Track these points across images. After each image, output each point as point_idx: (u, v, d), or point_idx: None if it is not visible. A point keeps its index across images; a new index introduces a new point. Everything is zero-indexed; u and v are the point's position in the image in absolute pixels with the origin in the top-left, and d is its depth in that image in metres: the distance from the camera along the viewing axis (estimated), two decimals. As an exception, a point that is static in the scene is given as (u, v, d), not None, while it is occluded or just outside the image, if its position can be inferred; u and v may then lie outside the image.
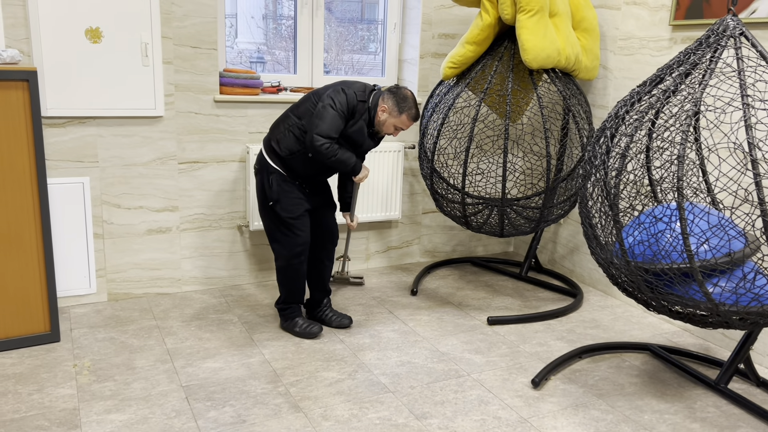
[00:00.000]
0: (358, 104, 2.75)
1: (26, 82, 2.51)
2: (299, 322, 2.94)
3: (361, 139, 2.80)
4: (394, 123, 2.80)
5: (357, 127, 2.76)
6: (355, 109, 2.74)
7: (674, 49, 3.10)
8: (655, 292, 2.33)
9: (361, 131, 2.78)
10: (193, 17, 3.11)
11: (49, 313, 2.74)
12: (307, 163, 2.80)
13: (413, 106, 2.79)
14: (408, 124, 2.81)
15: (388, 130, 2.82)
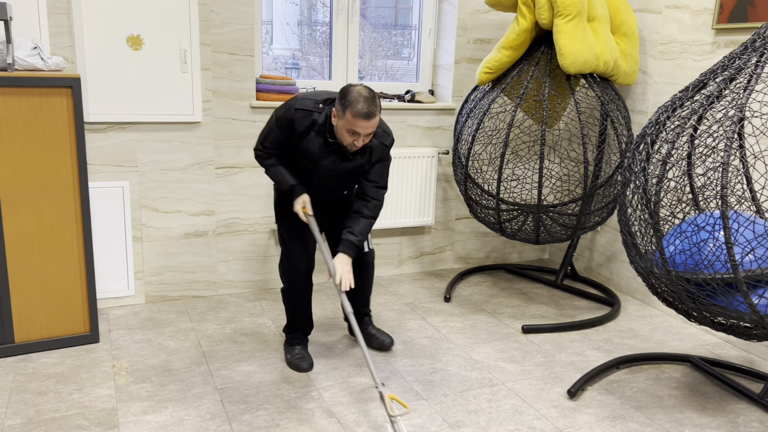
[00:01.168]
0: (295, 114, 2.40)
1: (70, 89, 2.57)
2: (294, 350, 2.72)
3: (317, 154, 2.45)
4: (343, 126, 2.33)
5: (308, 141, 2.44)
6: (293, 120, 2.41)
7: (717, 53, 3.02)
8: (697, 302, 2.27)
9: (314, 146, 2.44)
10: (231, 24, 3.15)
11: (89, 315, 2.80)
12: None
13: (359, 101, 2.26)
14: (357, 123, 2.28)
15: (344, 139, 2.37)
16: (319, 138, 2.44)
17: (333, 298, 3.46)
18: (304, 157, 2.49)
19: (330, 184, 2.56)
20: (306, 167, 2.52)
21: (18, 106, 2.51)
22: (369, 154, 2.50)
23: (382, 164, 2.55)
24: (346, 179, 2.56)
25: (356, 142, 2.35)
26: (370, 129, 2.32)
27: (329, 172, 2.51)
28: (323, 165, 2.48)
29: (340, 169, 2.50)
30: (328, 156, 2.47)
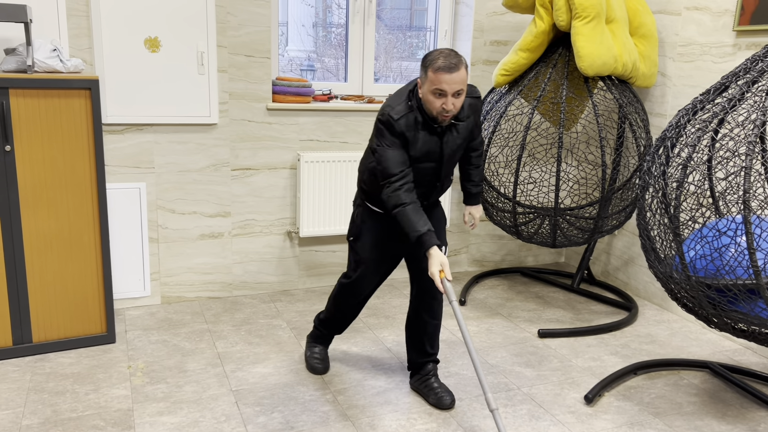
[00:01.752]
0: (398, 123, 2.18)
1: (88, 91, 2.59)
2: (315, 349, 2.68)
3: (434, 147, 2.25)
4: (428, 90, 2.12)
5: (418, 141, 2.22)
6: (401, 131, 2.19)
7: (738, 55, 2.98)
8: (718, 308, 2.23)
9: (425, 141, 2.23)
10: (248, 26, 3.16)
11: (105, 315, 2.81)
12: None
13: (439, 58, 2.09)
14: (440, 79, 2.07)
15: (433, 107, 2.14)
16: (426, 132, 2.23)
17: (348, 301, 3.45)
18: (426, 161, 2.28)
19: (447, 171, 2.37)
20: (430, 171, 2.31)
21: (37, 108, 2.53)
22: (471, 113, 2.31)
23: (479, 128, 2.48)
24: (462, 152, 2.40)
25: (445, 106, 2.11)
26: (457, 85, 2.09)
27: (451, 156, 2.31)
28: (447, 154, 2.29)
29: (461, 144, 2.32)
30: (446, 142, 2.27)
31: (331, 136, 3.46)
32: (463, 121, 2.30)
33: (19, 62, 2.57)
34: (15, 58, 2.57)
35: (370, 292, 2.53)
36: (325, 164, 3.37)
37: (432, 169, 2.31)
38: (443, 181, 2.39)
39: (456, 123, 2.29)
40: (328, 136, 3.46)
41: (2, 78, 2.44)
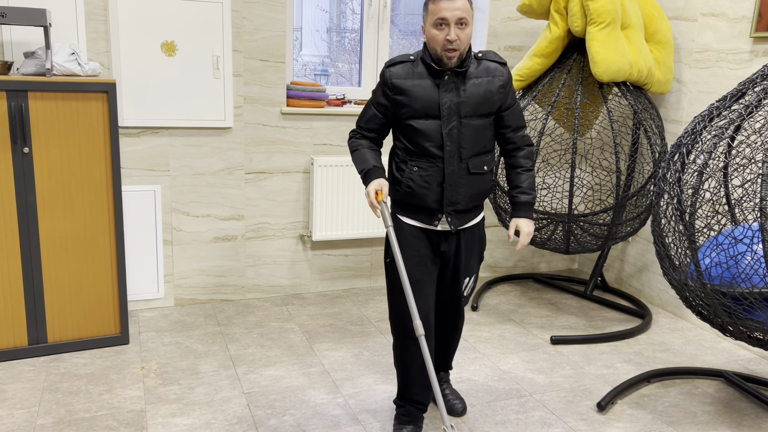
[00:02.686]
0: (387, 71, 2.05)
1: (105, 94, 2.62)
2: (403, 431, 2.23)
3: (434, 96, 2.02)
4: (432, 25, 1.96)
5: (416, 89, 2.02)
6: (387, 80, 2.05)
7: (755, 62, 2.96)
8: (734, 317, 2.21)
9: (424, 90, 2.02)
10: (263, 31, 3.18)
11: (119, 316, 2.84)
12: (418, 179, 2.09)
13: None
14: (440, 6, 1.94)
15: (436, 43, 1.97)
16: (425, 80, 2.03)
17: (360, 303, 3.46)
18: (423, 115, 2.03)
19: (466, 143, 2.05)
20: (436, 133, 2.03)
21: (55, 110, 2.56)
22: (488, 75, 2.07)
23: (512, 96, 2.14)
24: (481, 122, 2.06)
25: (449, 36, 1.93)
26: (459, 12, 1.93)
27: (457, 115, 2.02)
28: (446, 108, 2.01)
29: (468, 102, 2.03)
30: (446, 93, 2.02)
31: (345, 141, 3.47)
32: (477, 78, 2.04)
33: (38, 65, 2.60)
34: (34, 61, 2.61)
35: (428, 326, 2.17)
36: (339, 168, 3.38)
37: (436, 129, 2.03)
38: (460, 158, 2.05)
39: (461, 71, 2.02)
40: (341, 141, 3.47)
41: (21, 81, 2.47)
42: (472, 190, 2.11)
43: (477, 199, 2.15)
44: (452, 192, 2.08)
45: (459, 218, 2.14)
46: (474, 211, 2.19)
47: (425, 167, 2.08)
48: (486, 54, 2.11)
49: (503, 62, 2.12)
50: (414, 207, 2.14)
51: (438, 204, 2.10)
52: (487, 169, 2.13)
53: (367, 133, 2.17)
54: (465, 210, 2.14)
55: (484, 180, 2.14)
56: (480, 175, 2.12)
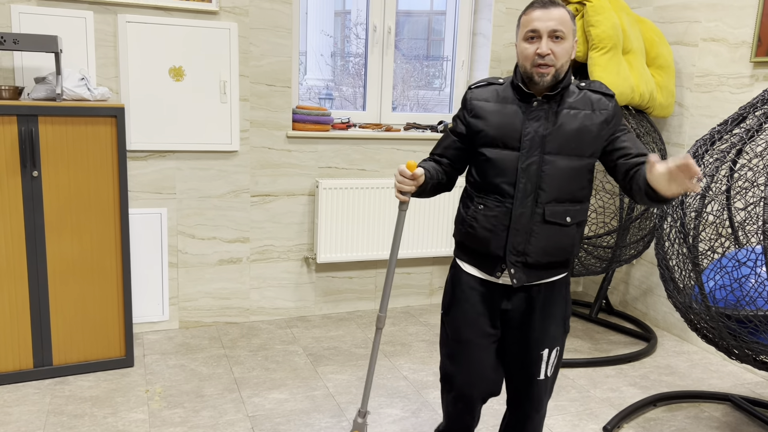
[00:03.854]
0: (470, 93, 1.83)
1: (114, 118, 2.66)
2: None
3: (515, 123, 1.73)
4: (522, 39, 1.71)
5: (497, 114, 1.76)
6: (468, 103, 1.82)
7: (756, 86, 2.99)
8: (739, 339, 2.21)
9: (508, 116, 1.75)
10: (270, 57, 3.23)
11: (124, 339, 2.84)
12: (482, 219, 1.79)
13: (533, 2, 1.72)
14: (532, 17, 1.69)
15: (526, 57, 1.70)
16: (510, 104, 1.76)
17: (365, 326, 3.46)
18: (499, 144, 1.75)
19: (546, 184, 1.72)
20: (511, 169, 1.73)
21: (65, 135, 2.60)
22: (588, 107, 1.74)
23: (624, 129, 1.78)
24: (570, 163, 1.72)
25: (540, 50, 1.66)
26: (553, 23, 1.66)
27: (540, 149, 1.71)
28: (528, 139, 1.71)
29: (557, 135, 1.71)
30: (532, 121, 1.72)
31: (350, 164, 3.51)
32: (573, 109, 1.73)
33: (48, 90, 2.65)
34: (44, 86, 2.66)
35: (474, 395, 1.87)
36: (343, 191, 3.40)
37: (512, 163, 1.72)
38: (536, 201, 1.73)
39: (554, 96, 1.72)
40: (346, 164, 3.50)
41: (32, 106, 2.52)
42: (546, 242, 1.75)
43: (553, 254, 1.77)
44: (519, 239, 1.74)
45: (527, 273, 1.77)
46: (550, 269, 1.80)
47: (492, 206, 1.77)
48: (591, 84, 1.79)
49: (611, 94, 1.79)
50: (474, 252, 1.83)
51: (502, 251, 1.77)
52: (570, 221, 1.76)
53: (438, 158, 1.90)
54: (536, 265, 1.77)
55: (566, 234, 1.76)
56: (560, 226, 1.75)
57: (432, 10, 4.23)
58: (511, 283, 1.80)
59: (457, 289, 1.87)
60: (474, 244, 1.81)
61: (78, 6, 2.87)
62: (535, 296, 1.82)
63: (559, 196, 1.74)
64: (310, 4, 3.90)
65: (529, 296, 1.82)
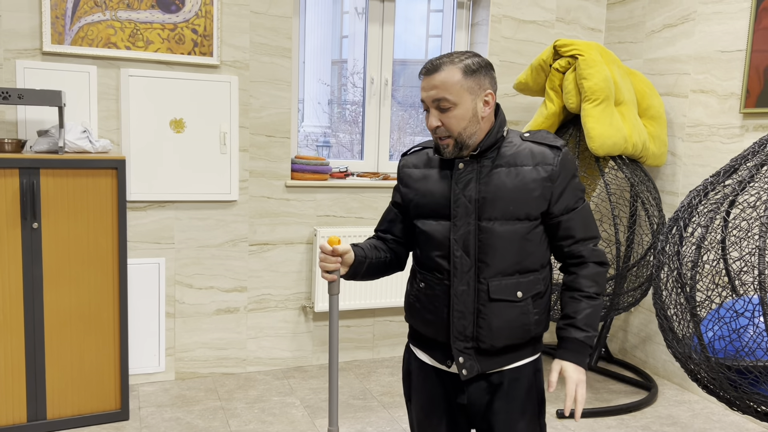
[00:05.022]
0: (404, 161, 1.67)
1: (115, 170, 2.69)
2: None
3: (444, 190, 1.54)
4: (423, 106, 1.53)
5: (426, 181, 1.58)
6: (402, 172, 1.65)
7: (747, 136, 3.05)
8: (740, 391, 2.20)
9: (435, 182, 1.57)
10: (269, 108, 3.29)
11: (120, 392, 2.81)
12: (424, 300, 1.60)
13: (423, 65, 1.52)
14: (421, 89, 1.50)
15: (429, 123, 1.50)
16: (438, 169, 1.57)
17: (362, 376, 3.42)
18: (431, 214, 1.56)
19: (487, 255, 1.49)
20: (439, 236, 1.54)
21: (66, 187, 2.62)
22: (528, 162, 1.50)
23: (571, 193, 1.52)
24: (512, 228, 1.49)
25: (428, 125, 1.49)
26: (434, 91, 1.45)
27: (475, 215, 1.50)
28: (457, 205, 1.50)
29: (491, 198, 1.49)
30: (459, 185, 1.51)
31: (347, 212, 3.53)
32: (509, 166, 1.50)
33: (50, 143, 2.68)
34: (47, 139, 2.69)
35: None
36: (341, 239, 3.42)
37: (445, 233, 1.52)
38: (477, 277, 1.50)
39: (486, 157, 1.51)
40: (344, 212, 3.52)
41: (34, 159, 2.54)
42: (498, 322, 1.50)
43: (509, 335, 1.52)
44: (465, 321, 1.51)
45: (482, 361, 1.53)
46: (511, 352, 1.55)
47: (432, 285, 1.56)
48: (535, 134, 1.55)
49: (557, 146, 1.52)
50: (423, 337, 1.62)
51: (445, 336, 1.54)
52: (523, 296, 1.51)
53: (382, 234, 1.71)
54: (491, 350, 1.53)
55: (521, 311, 1.51)
56: (510, 303, 1.51)
57: (427, 59, 4.32)
58: (460, 375, 1.53)
59: (411, 377, 1.66)
60: (419, 327, 1.61)
61: (82, 61, 2.93)
62: (497, 386, 1.55)
63: (504, 269, 1.50)
64: (307, 53, 3.99)
65: (490, 386, 1.55)
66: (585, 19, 3.90)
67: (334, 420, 1.62)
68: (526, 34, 3.77)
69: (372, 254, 1.63)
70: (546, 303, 1.57)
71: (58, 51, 2.87)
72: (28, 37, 2.84)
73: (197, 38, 3.09)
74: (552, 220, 1.53)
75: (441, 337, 1.55)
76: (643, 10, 3.66)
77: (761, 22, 2.95)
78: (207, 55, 3.11)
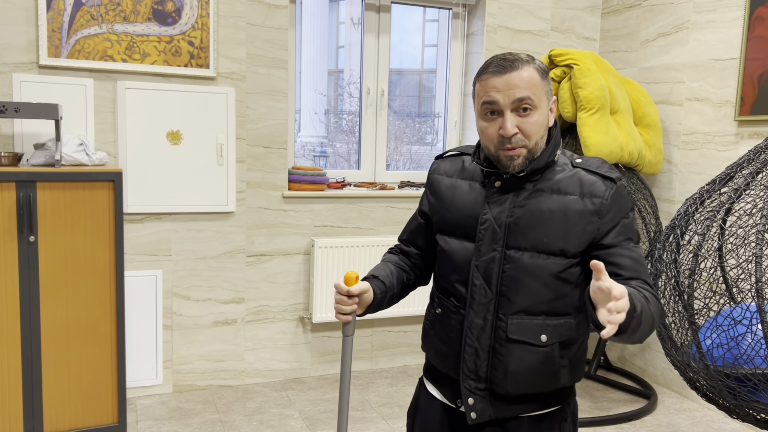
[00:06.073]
0: (436, 166, 1.49)
1: (112, 183, 2.68)
2: None
3: (471, 201, 1.37)
4: (480, 115, 1.32)
5: (456, 192, 1.41)
6: (433, 178, 1.48)
7: (742, 143, 3.06)
8: (739, 399, 2.19)
9: (466, 194, 1.39)
10: (266, 120, 3.29)
11: (118, 405, 2.79)
12: (438, 328, 1.44)
13: (489, 63, 1.30)
14: (486, 87, 1.28)
15: (488, 138, 1.31)
16: (472, 181, 1.40)
17: (361, 387, 3.41)
18: (456, 231, 1.39)
19: (510, 289, 1.33)
20: (460, 259, 1.37)
21: (62, 200, 2.62)
22: (575, 191, 1.32)
23: (623, 230, 1.31)
24: (543, 263, 1.31)
25: (503, 131, 1.27)
26: (518, 92, 1.26)
27: (502, 242, 1.32)
28: (485, 227, 1.33)
29: (524, 225, 1.31)
30: (492, 205, 1.34)
31: (345, 222, 3.53)
32: (554, 193, 1.32)
33: (47, 156, 2.68)
34: (44, 152, 2.69)
35: None
36: (339, 249, 3.42)
37: (467, 259, 1.36)
38: (496, 311, 1.33)
39: (529, 179, 1.33)
40: (341, 222, 3.52)
41: (30, 172, 2.54)
42: (516, 367, 1.32)
43: (528, 384, 1.33)
44: (476, 360, 1.35)
45: (495, 405, 1.36)
46: (531, 402, 1.37)
47: (448, 312, 1.40)
48: (588, 161, 1.36)
49: (610, 177, 1.33)
50: (435, 369, 1.46)
51: (455, 372, 1.39)
52: (548, 341, 1.32)
53: (405, 247, 1.54)
54: (506, 397, 1.35)
55: (545, 358, 1.32)
56: (532, 346, 1.32)
57: (423, 69, 4.35)
58: (471, 418, 1.36)
59: (418, 413, 1.49)
60: (431, 357, 1.45)
61: (79, 74, 2.94)
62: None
63: (528, 307, 1.31)
64: (304, 64, 4.00)
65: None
66: (580, 29, 3.92)
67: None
68: (522, 43, 3.79)
69: (392, 281, 1.45)
70: (579, 352, 1.38)
71: (55, 64, 2.87)
72: (25, 51, 2.85)
73: (194, 50, 3.10)
74: (594, 255, 1.31)
75: (452, 372, 1.39)
76: (637, 19, 3.68)
77: (755, 31, 2.97)
78: (203, 67, 3.12)
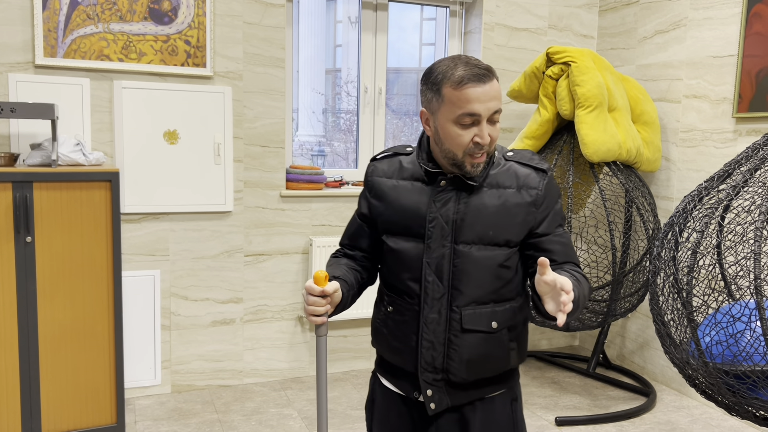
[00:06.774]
0: (372, 169, 1.51)
1: (109, 183, 2.68)
2: None
3: (419, 207, 1.41)
4: (451, 120, 1.33)
5: (399, 193, 1.44)
6: (370, 180, 1.51)
7: (740, 140, 3.06)
8: (738, 396, 2.19)
9: (409, 195, 1.43)
10: (264, 119, 3.29)
11: (116, 405, 2.79)
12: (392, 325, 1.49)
13: (457, 65, 1.32)
14: (467, 97, 1.30)
15: (458, 145, 1.34)
16: (415, 182, 1.43)
17: (360, 386, 3.41)
18: (402, 231, 1.43)
19: (461, 282, 1.39)
20: (410, 258, 1.42)
21: (59, 200, 2.61)
22: (513, 185, 1.40)
23: (555, 217, 1.43)
24: (489, 254, 1.38)
25: (480, 138, 1.32)
26: (494, 103, 1.32)
27: (450, 238, 1.38)
28: (433, 226, 1.39)
29: (470, 221, 1.38)
30: (438, 204, 1.39)
31: (343, 221, 3.52)
32: (493, 187, 1.39)
33: (43, 157, 2.67)
34: (40, 152, 2.68)
35: None
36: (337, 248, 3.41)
37: (417, 255, 1.40)
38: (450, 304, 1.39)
39: (457, 177, 1.39)
40: (339, 221, 3.52)
41: (27, 172, 2.53)
42: (470, 355, 1.40)
43: (481, 370, 1.42)
44: (434, 352, 1.41)
45: (452, 394, 1.44)
46: (484, 386, 1.46)
47: (401, 310, 1.44)
48: (519, 154, 1.45)
49: (542, 168, 1.42)
50: (389, 365, 1.51)
51: (413, 367, 1.44)
52: (498, 327, 1.41)
53: (349, 251, 1.56)
54: (463, 384, 1.43)
55: (496, 343, 1.41)
56: (484, 334, 1.40)
57: (420, 67, 4.34)
58: (427, 409, 1.43)
59: (375, 407, 1.55)
60: (385, 354, 1.50)
61: (75, 74, 2.93)
62: (470, 419, 1.45)
63: (479, 297, 1.39)
64: (301, 63, 4.00)
65: (462, 419, 1.45)
66: (577, 26, 3.91)
67: None
68: (519, 41, 3.78)
69: (352, 280, 1.47)
70: (523, 333, 1.48)
71: (51, 64, 2.86)
72: (21, 51, 2.84)
73: (190, 49, 3.09)
74: (533, 242, 1.41)
75: (409, 366, 1.44)
76: (634, 16, 3.68)
77: (752, 27, 2.97)
78: (200, 66, 3.11)
